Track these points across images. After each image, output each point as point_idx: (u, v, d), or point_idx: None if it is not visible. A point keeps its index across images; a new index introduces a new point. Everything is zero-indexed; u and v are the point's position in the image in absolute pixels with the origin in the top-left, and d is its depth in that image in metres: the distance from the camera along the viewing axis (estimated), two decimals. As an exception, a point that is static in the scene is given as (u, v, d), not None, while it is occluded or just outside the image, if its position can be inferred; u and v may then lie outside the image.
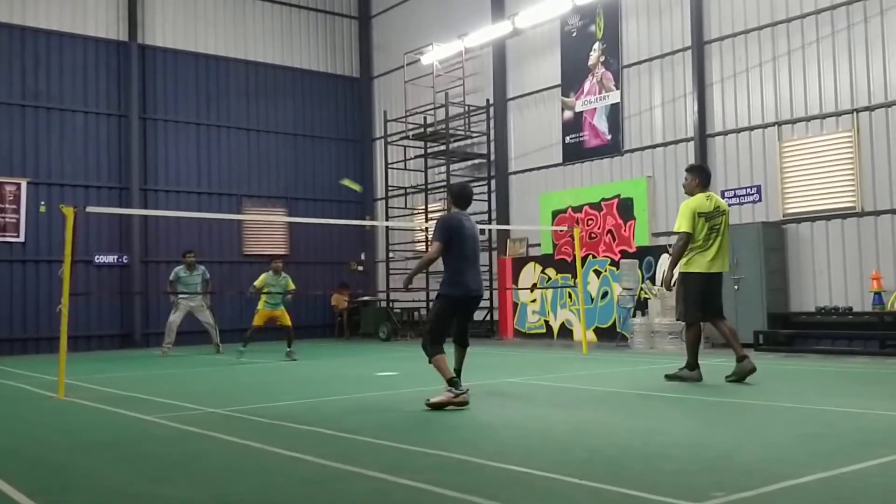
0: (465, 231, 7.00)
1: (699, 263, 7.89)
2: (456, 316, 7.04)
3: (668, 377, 8.20)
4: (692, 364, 8.07)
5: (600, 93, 15.96)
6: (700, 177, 8.20)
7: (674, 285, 8.11)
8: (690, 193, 8.19)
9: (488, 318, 17.89)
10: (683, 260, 7.97)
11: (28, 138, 17.10)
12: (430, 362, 6.72)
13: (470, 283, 6.95)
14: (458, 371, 7.02)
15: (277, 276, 13.60)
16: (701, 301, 7.94)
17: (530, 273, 17.01)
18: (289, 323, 13.49)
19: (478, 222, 17.95)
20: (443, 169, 18.56)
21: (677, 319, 8.73)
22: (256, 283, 13.77)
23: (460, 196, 7.27)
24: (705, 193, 8.10)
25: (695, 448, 4.71)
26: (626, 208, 15.26)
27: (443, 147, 18.30)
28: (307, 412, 6.68)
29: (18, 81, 17.09)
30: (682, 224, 7.93)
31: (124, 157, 18.13)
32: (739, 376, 7.81)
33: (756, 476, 3.89)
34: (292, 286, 13.92)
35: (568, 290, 15.93)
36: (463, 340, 7.26)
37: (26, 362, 13.73)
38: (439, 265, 7.24)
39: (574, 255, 14.48)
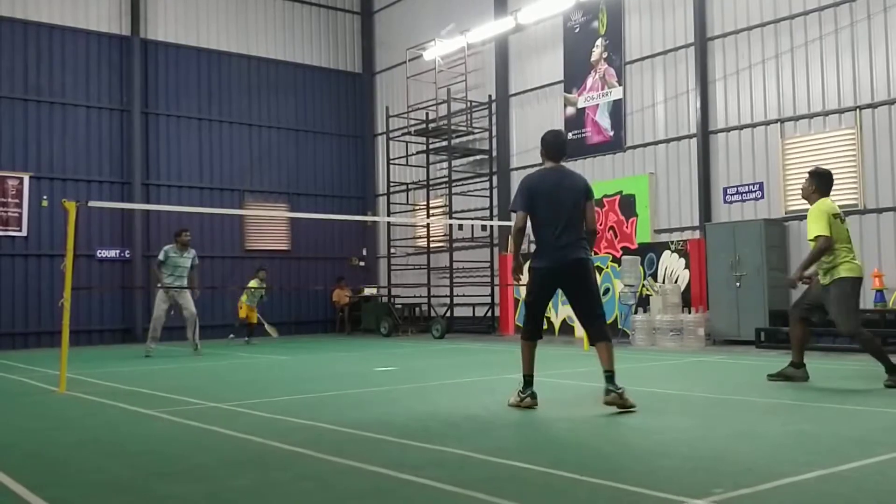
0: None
1: (847, 268, 7.12)
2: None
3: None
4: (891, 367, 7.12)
5: (603, 89, 15.94)
6: (818, 184, 7.39)
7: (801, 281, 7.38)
8: (807, 198, 7.46)
9: (489, 314, 17.89)
10: (834, 266, 7.14)
11: (30, 133, 17.11)
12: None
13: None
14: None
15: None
16: (857, 307, 7.17)
17: (532, 269, 16.97)
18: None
19: (479, 218, 18.29)
20: (444, 165, 18.56)
21: (848, 334, 7.32)
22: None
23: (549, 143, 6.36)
24: (827, 198, 7.34)
25: (694, 445, 4.71)
26: (628, 205, 15.25)
27: (444, 143, 18.29)
28: (307, 407, 6.69)
29: (21, 76, 17.10)
30: (815, 228, 7.12)
31: (126, 152, 18.15)
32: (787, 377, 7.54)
33: (755, 473, 3.89)
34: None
35: (569, 286, 15.89)
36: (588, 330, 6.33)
37: (28, 356, 13.76)
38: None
39: (575, 252, 14.45)
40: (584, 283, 6.20)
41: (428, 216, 19.10)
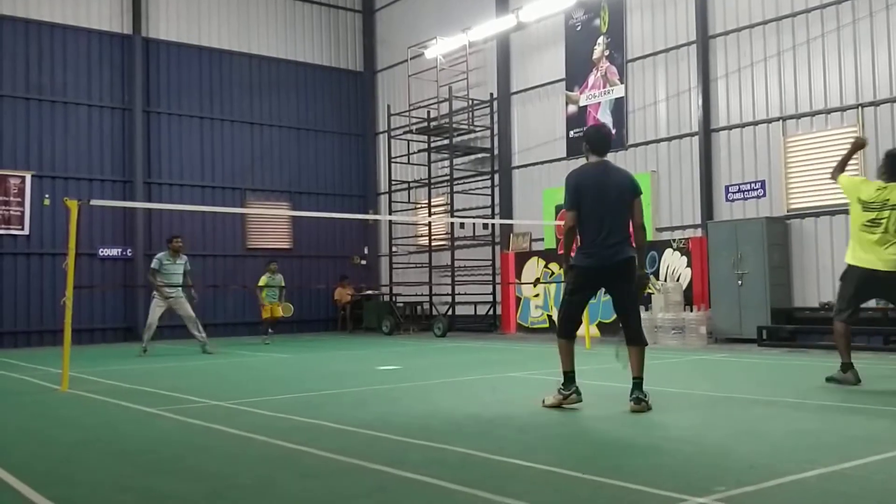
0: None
1: (851, 255, 7.10)
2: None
3: (828, 379, 7.23)
4: (846, 364, 7.10)
5: (604, 87, 15.93)
6: (885, 165, 7.24)
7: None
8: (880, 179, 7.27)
9: (490, 312, 17.89)
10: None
11: (32, 131, 17.12)
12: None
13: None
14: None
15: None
16: (851, 297, 7.10)
17: (533, 268, 16.99)
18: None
19: (481, 217, 18.28)
20: (446, 163, 18.56)
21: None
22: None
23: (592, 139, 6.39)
24: (880, 183, 7.13)
25: (696, 443, 4.71)
26: (629, 203, 15.21)
27: (446, 141, 18.28)
28: (309, 405, 6.69)
29: (22, 74, 17.11)
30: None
31: (128, 151, 18.16)
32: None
33: (757, 471, 3.89)
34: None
35: (571, 284, 15.88)
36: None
37: (30, 355, 13.77)
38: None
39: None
40: (630, 282, 6.09)
41: (429, 214, 19.09)
